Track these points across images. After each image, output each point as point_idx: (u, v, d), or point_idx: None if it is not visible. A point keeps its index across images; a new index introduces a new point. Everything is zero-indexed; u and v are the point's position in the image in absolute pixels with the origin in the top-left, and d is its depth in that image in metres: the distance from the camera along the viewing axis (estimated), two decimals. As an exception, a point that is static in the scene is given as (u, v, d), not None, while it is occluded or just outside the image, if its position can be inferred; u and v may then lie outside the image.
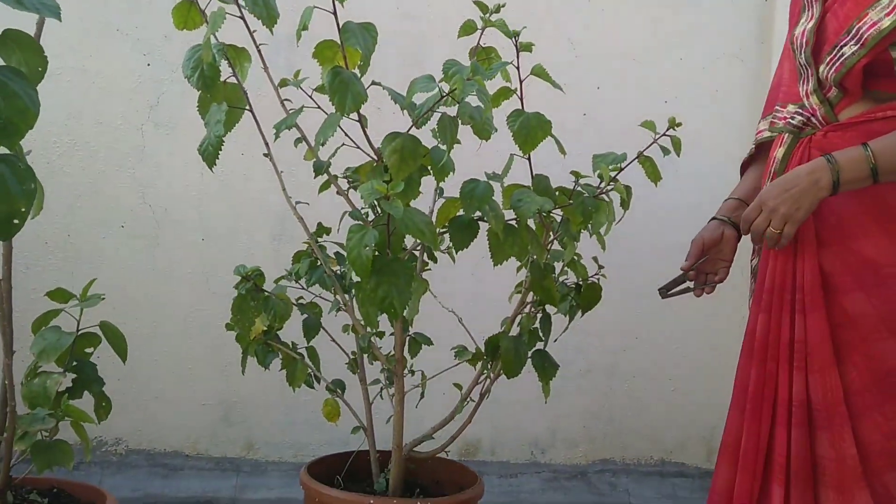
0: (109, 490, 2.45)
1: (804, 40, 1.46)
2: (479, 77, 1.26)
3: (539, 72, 1.44)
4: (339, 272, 1.67)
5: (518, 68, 1.43)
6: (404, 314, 1.27)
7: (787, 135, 1.50)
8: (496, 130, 1.48)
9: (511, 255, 1.39)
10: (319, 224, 1.79)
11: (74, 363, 1.68)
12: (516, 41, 1.42)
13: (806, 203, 1.36)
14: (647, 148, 1.57)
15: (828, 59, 1.42)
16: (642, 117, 1.56)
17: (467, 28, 1.49)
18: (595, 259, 1.73)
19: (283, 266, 1.79)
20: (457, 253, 1.35)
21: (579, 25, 2.72)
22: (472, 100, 1.36)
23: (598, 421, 2.77)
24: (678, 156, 1.59)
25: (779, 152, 1.50)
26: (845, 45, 1.39)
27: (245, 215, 2.58)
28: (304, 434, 2.63)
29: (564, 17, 2.70)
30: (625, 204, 1.55)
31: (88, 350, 1.75)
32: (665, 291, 1.63)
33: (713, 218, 1.63)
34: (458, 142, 1.41)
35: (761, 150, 1.63)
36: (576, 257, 1.65)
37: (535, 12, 2.67)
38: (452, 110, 1.34)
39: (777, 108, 1.57)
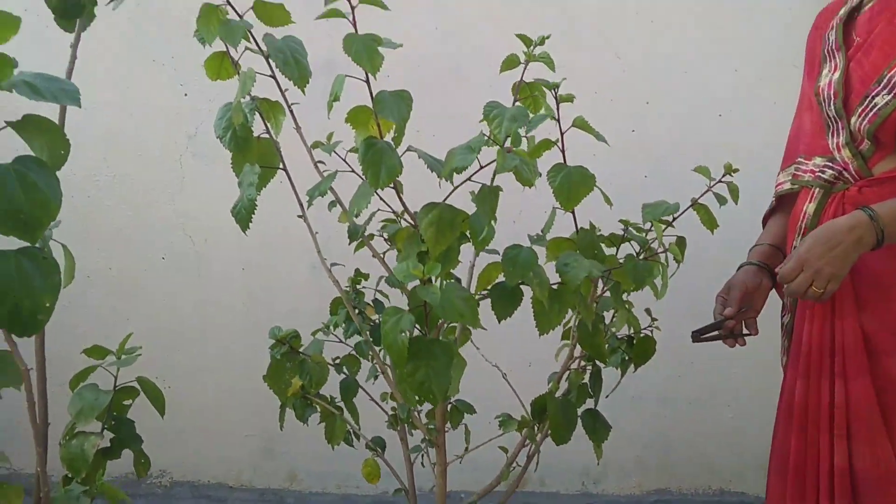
0: (155, 523, 2.48)
1: (831, 92, 1.39)
2: (518, 146, 1.17)
3: (581, 124, 1.35)
4: (376, 322, 1.60)
5: (559, 121, 1.34)
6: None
7: (816, 189, 1.44)
8: (540, 175, 1.40)
9: (558, 324, 1.31)
10: (357, 270, 1.73)
11: (112, 422, 1.65)
12: (556, 93, 1.33)
13: (850, 261, 1.31)
14: (701, 196, 1.48)
15: (859, 111, 1.34)
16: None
17: (510, 63, 1.40)
18: (648, 311, 1.64)
19: (321, 296, 1.72)
20: (499, 322, 1.28)
21: (626, 38, 2.60)
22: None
23: (652, 450, 2.68)
24: (735, 203, 1.49)
25: (809, 207, 1.43)
26: (877, 95, 1.31)
27: (284, 245, 2.53)
28: (347, 465, 2.57)
29: (611, 31, 2.59)
30: (678, 258, 1.46)
31: (127, 402, 1.73)
32: (698, 335, 1.55)
33: (748, 263, 1.55)
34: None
35: (782, 202, 1.58)
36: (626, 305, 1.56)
37: (580, 27, 2.56)
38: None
39: (800, 160, 1.50)
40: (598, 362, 1.58)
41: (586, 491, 2.66)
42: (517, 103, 1.41)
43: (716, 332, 1.55)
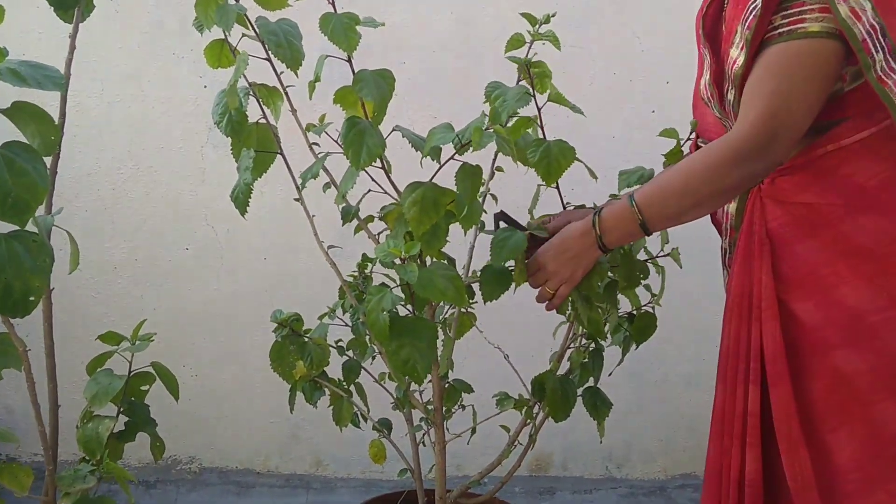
0: (185, 508, 2.54)
1: (708, 95, 1.31)
2: (499, 123, 1.17)
3: (556, 98, 1.33)
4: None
5: (535, 96, 1.33)
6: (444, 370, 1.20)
7: None
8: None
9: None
10: (364, 255, 1.74)
11: (127, 406, 1.69)
12: (529, 70, 1.32)
13: (583, 264, 1.28)
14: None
15: (727, 109, 1.27)
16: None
17: (515, 42, 1.40)
18: (648, 287, 1.62)
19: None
20: (486, 303, 1.28)
21: (645, 17, 2.57)
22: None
23: (677, 433, 2.65)
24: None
25: (730, 207, 1.33)
26: (727, 90, 1.25)
27: (304, 234, 2.55)
28: (372, 450, 2.61)
29: (629, 10, 2.56)
30: (678, 262, 1.45)
31: (144, 388, 1.77)
32: (503, 215, 1.40)
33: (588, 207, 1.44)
34: (501, 169, 1.31)
35: None
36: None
37: (597, 5, 2.53)
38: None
39: None
40: (598, 340, 1.57)
41: (610, 475, 2.64)
42: (521, 82, 1.41)
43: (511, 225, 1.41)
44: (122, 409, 1.70)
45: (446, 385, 1.49)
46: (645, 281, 1.58)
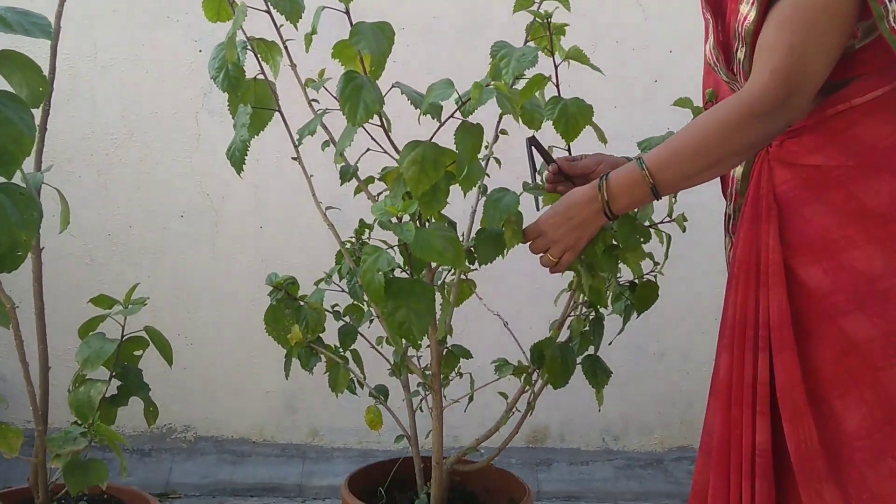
0: (180, 477, 2.52)
1: (714, 59, 1.27)
2: (504, 80, 1.13)
3: (576, 55, 1.30)
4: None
5: (553, 53, 1.30)
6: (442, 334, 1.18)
7: None
8: (546, 118, 1.37)
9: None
10: (361, 220, 1.71)
11: (120, 370, 1.67)
12: (548, 23, 1.28)
13: (588, 232, 1.25)
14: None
15: (735, 70, 1.23)
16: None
17: (522, 3, 1.36)
18: (651, 255, 1.59)
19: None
20: (480, 266, 1.25)
21: (649, -15, 2.52)
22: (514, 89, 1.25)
23: (675, 406, 2.63)
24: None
25: (737, 172, 1.29)
26: (737, 49, 1.20)
27: (301, 202, 2.52)
28: (368, 420, 2.60)
29: (633, -23, 2.51)
30: (683, 227, 1.42)
31: (137, 353, 1.75)
32: (534, 142, 1.38)
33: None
34: (505, 132, 1.27)
35: None
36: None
37: (601, -26, 2.49)
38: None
39: None
40: (599, 309, 1.54)
41: (607, 447, 2.63)
42: (530, 43, 1.38)
43: (541, 157, 1.40)
44: (114, 374, 1.68)
45: (444, 351, 1.47)
46: (647, 249, 1.55)
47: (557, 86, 1.33)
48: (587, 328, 1.55)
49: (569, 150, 1.42)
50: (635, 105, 2.57)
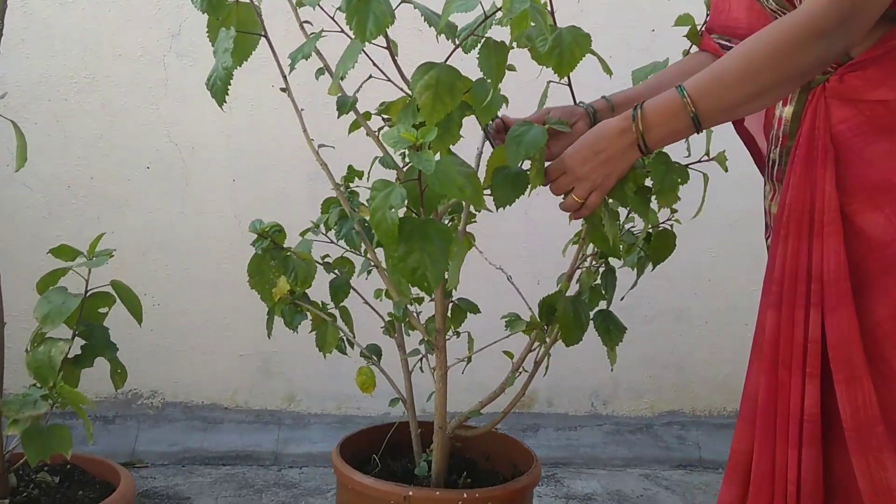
0: (147, 445, 2.38)
1: None
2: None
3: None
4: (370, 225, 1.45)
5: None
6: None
7: None
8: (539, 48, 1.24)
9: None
10: (350, 167, 1.57)
11: (83, 328, 1.52)
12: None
13: (618, 168, 1.12)
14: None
15: None
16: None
17: None
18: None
19: (318, 208, 1.58)
20: (497, 210, 1.12)
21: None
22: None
23: (666, 370, 2.55)
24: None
25: (785, 111, 1.16)
26: None
27: (278, 153, 2.38)
28: (347, 385, 2.43)
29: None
30: (724, 167, 1.31)
31: (103, 311, 1.59)
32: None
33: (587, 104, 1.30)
34: (513, 68, 1.16)
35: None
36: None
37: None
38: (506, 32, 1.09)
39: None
40: (611, 260, 1.43)
41: (595, 412, 2.54)
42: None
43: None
44: (77, 332, 1.53)
45: (450, 305, 1.34)
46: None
47: (552, 13, 1.18)
48: (598, 281, 1.44)
49: (570, 87, 1.29)
50: (632, 56, 2.40)
